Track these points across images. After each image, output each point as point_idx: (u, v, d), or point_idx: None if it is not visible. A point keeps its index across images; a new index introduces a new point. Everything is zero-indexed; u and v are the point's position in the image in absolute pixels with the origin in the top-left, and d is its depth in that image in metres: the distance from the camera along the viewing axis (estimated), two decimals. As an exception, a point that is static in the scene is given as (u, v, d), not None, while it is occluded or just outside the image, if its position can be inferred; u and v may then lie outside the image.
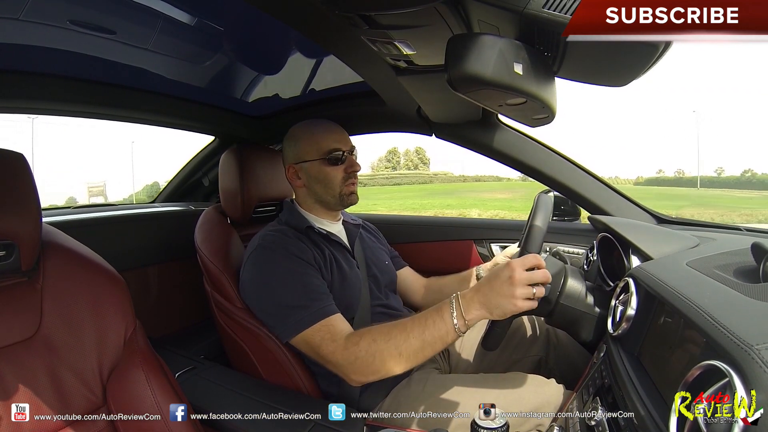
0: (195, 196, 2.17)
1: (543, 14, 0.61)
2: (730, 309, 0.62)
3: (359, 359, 0.98)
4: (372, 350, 0.97)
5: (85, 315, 0.80)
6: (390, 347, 0.96)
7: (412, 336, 0.96)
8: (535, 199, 1.14)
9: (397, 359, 0.96)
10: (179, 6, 1.11)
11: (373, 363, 0.97)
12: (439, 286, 1.53)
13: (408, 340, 0.96)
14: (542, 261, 0.93)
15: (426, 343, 0.96)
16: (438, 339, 0.95)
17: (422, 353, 0.96)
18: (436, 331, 0.95)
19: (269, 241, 1.18)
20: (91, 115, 1.47)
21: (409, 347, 0.96)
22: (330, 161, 1.25)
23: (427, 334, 0.96)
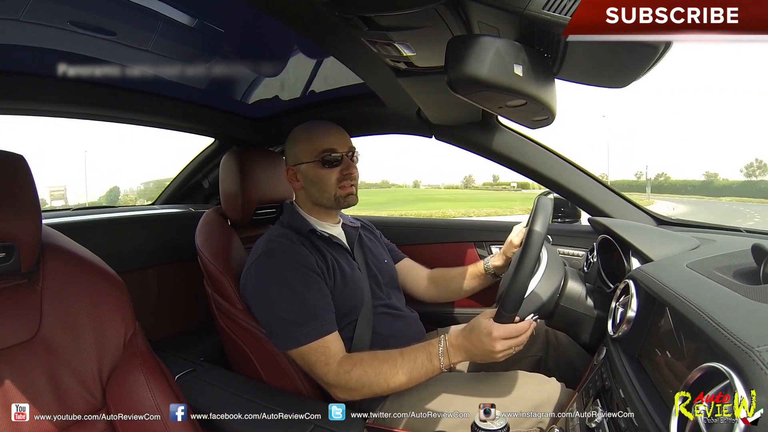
0: (195, 198, 2.17)
1: (543, 15, 0.61)
2: (731, 311, 0.62)
3: (348, 385, 1.05)
4: (362, 380, 1.04)
5: (85, 317, 0.80)
6: (379, 380, 1.04)
7: (401, 372, 1.04)
8: (534, 201, 1.14)
9: (384, 389, 1.05)
10: (179, 7, 1.11)
11: (362, 390, 1.05)
12: (445, 281, 1.53)
13: (396, 375, 1.04)
14: (523, 328, 1.00)
15: (412, 379, 1.05)
16: (423, 375, 1.05)
17: (407, 386, 1.06)
18: (423, 369, 1.05)
19: (273, 248, 1.18)
20: (91, 117, 1.47)
21: (396, 381, 1.04)
22: (324, 163, 1.24)
23: (414, 372, 1.04)
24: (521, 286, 0.98)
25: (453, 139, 1.61)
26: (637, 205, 1.55)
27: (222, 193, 1.49)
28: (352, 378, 1.05)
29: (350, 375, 1.05)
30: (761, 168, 35.37)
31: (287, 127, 1.34)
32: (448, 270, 1.54)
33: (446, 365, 1.04)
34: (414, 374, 1.04)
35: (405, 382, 1.04)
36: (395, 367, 1.04)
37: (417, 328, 1.36)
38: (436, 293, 1.54)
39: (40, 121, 1.75)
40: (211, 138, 1.99)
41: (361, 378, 1.04)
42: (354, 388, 1.05)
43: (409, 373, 1.04)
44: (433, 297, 1.55)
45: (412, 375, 1.04)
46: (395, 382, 1.04)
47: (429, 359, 1.04)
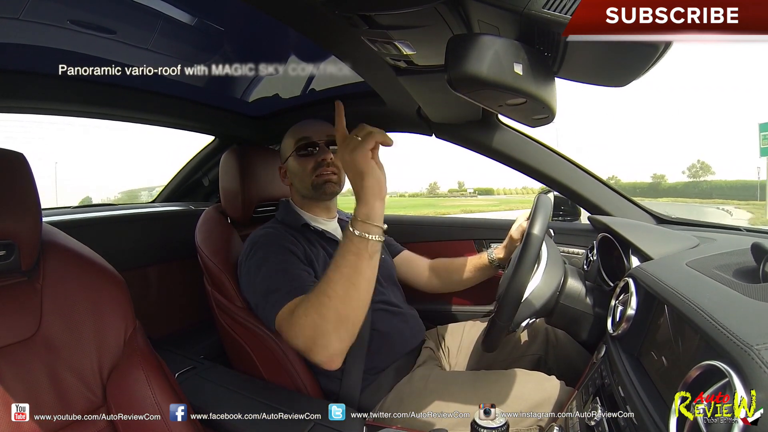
0: (195, 196, 2.17)
1: (543, 14, 0.61)
2: (730, 309, 0.62)
3: (300, 324, 0.93)
4: (307, 309, 0.92)
5: (85, 315, 0.80)
6: (319, 295, 0.91)
7: (331, 272, 0.90)
8: (534, 199, 1.14)
9: (330, 303, 0.89)
10: (179, 6, 1.11)
11: (311, 319, 0.91)
12: (448, 272, 1.52)
13: (329, 279, 0.90)
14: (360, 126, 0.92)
15: (346, 267, 0.89)
16: (353, 256, 0.89)
17: (350, 281, 0.89)
18: (347, 250, 0.89)
19: (259, 236, 1.19)
20: (91, 115, 1.47)
21: (333, 284, 0.89)
22: (299, 152, 1.26)
23: (340, 261, 0.90)
24: (516, 297, 0.99)
25: (453, 137, 1.61)
26: (637, 203, 1.55)
27: (222, 191, 1.49)
28: (300, 315, 0.93)
29: (297, 314, 0.94)
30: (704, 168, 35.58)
31: (287, 126, 1.34)
32: (450, 260, 1.53)
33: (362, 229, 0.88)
34: (341, 262, 0.89)
35: (341, 277, 0.89)
36: (326, 274, 0.91)
37: (416, 324, 1.36)
38: (438, 284, 1.54)
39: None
40: (211, 136, 1.99)
41: (307, 308, 0.92)
42: (306, 324, 0.91)
43: (338, 266, 0.89)
44: (436, 288, 1.55)
45: (340, 264, 0.89)
46: (333, 286, 0.89)
47: (346, 237, 0.90)
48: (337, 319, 0.89)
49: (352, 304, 0.90)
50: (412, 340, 1.31)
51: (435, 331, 1.47)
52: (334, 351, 0.91)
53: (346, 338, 0.91)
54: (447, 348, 1.41)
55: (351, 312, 0.90)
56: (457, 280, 1.51)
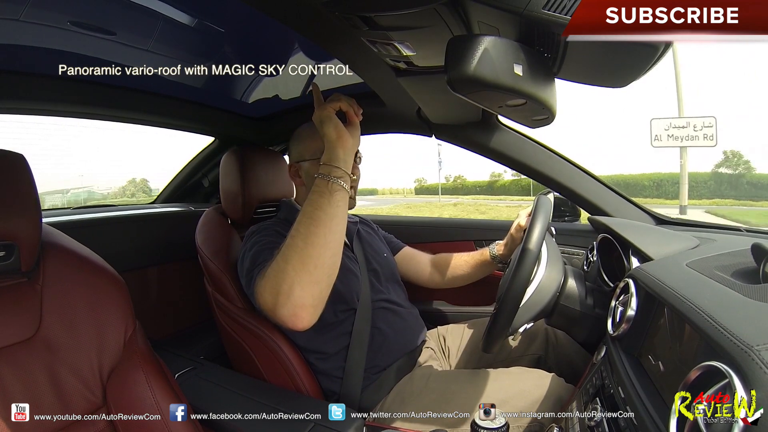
0: (195, 197, 2.18)
1: (543, 15, 0.61)
2: (730, 310, 0.62)
3: (266, 277, 0.90)
4: (277, 262, 0.89)
5: (85, 316, 0.80)
6: (288, 243, 0.89)
7: (299, 216, 0.91)
8: (534, 200, 1.14)
9: (291, 243, 0.88)
10: (179, 7, 1.11)
11: (275, 267, 0.89)
12: (449, 266, 1.52)
13: (296, 226, 0.89)
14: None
15: (307, 206, 0.90)
16: (316, 195, 0.91)
17: (311, 219, 0.89)
18: (311, 193, 0.91)
19: (256, 227, 1.19)
20: (91, 116, 1.48)
21: (296, 225, 0.89)
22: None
23: (305, 205, 0.91)
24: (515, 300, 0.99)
25: (453, 138, 1.61)
26: (637, 204, 1.55)
27: (222, 192, 1.49)
28: (268, 270, 0.90)
29: (266, 269, 0.91)
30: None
31: (287, 127, 1.35)
32: (453, 256, 1.53)
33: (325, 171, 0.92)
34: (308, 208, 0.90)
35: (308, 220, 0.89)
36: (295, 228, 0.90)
37: (417, 323, 1.36)
38: (441, 280, 1.54)
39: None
40: (211, 137, 1.99)
41: (274, 262, 0.90)
42: (273, 275, 0.88)
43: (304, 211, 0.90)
44: (438, 284, 1.54)
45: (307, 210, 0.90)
46: (298, 229, 0.89)
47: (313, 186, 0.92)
48: (299, 261, 0.86)
49: (312, 241, 0.87)
50: (413, 339, 1.31)
51: (436, 332, 1.47)
52: (297, 301, 0.86)
53: (309, 286, 0.87)
54: (447, 348, 1.41)
55: (313, 251, 0.87)
56: (458, 276, 1.51)
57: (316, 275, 0.87)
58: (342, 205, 0.92)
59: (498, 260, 1.43)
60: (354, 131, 1.00)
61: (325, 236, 0.88)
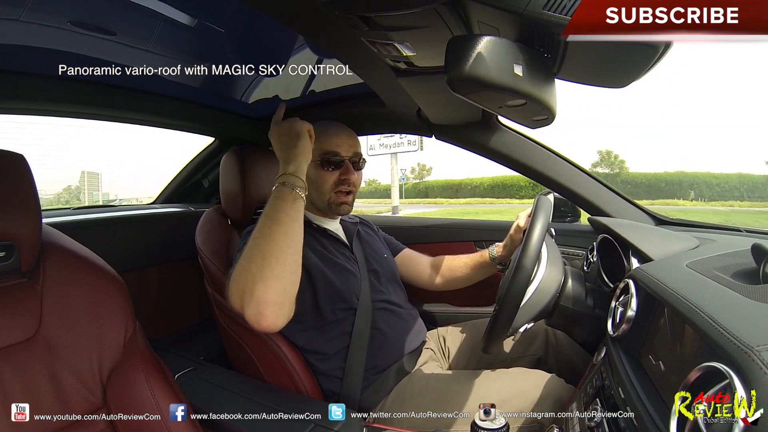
0: (195, 197, 2.18)
1: (543, 15, 0.62)
2: (730, 310, 0.62)
3: (235, 279, 0.92)
4: (240, 263, 0.93)
5: (85, 316, 0.80)
6: (249, 245, 0.93)
7: (260, 220, 0.96)
8: (534, 201, 1.14)
9: (253, 244, 0.92)
10: (179, 7, 1.11)
11: (239, 266, 0.92)
12: (449, 268, 1.52)
13: (259, 228, 0.94)
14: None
15: (269, 209, 0.96)
16: (275, 198, 0.97)
17: (272, 220, 0.94)
18: (273, 198, 0.97)
19: (251, 227, 1.18)
20: (91, 116, 1.48)
21: (258, 227, 0.94)
22: (324, 164, 1.24)
23: (267, 209, 0.96)
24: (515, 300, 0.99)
25: (453, 138, 1.61)
26: (637, 204, 1.55)
27: (222, 192, 1.49)
28: (234, 270, 0.93)
29: (232, 270, 0.94)
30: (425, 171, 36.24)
31: (287, 127, 1.34)
32: (452, 258, 1.53)
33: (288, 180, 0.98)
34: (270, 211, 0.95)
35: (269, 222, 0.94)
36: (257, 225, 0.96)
37: (417, 324, 1.36)
38: (441, 282, 1.53)
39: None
40: (211, 137, 1.99)
41: (239, 262, 0.93)
42: (238, 276, 0.91)
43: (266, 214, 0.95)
44: (437, 286, 1.54)
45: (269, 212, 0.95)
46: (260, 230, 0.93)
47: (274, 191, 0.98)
48: (261, 257, 0.90)
49: (274, 238, 0.92)
50: (413, 340, 1.31)
51: (436, 333, 1.47)
52: (260, 298, 0.88)
53: (272, 282, 0.89)
54: (447, 349, 1.41)
55: (275, 248, 0.91)
56: (458, 278, 1.50)
57: (277, 270, 0.90)
58: (300, 207, 0.98)
59: (497, 262, 1.43)
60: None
61: (285, 234, 0.94)
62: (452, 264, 1.52)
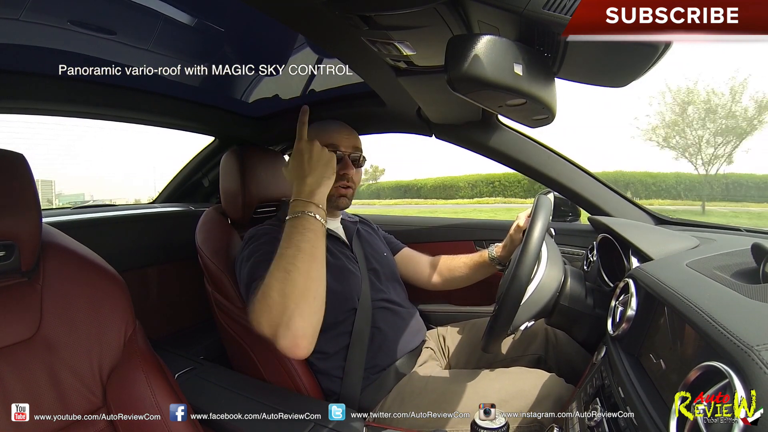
0: (195, 196, 2.18)
1: (543, 15, 0.61)
2: (730, 310, 0.62)
3: (262, 307, 0.91)
4: (265, 290, 0.91)
5: (85, 315, 0.80)
6: (275, 274, 0.91)
7: (288, 249, 0.93)
8: (534, 200, 1.14)
9: (289, 278, 0.90)
10: (179, 7, 1.11)
11: (273, 298, 0.90)
12: (448, 268, 1.52)
13: (284, 255, 0.93)
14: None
15: (304, 243, 0.94)
16: (307, 231, 0.95)
17: (303, 257, 0.92)
18: (297, 229, 0.95)
19: (253, 232, 1.19)
20: (91, 116, 1.48)
21: (288, 260, 0.92)
22: None
23: (299, 237, 0.94)
24: (515, 299, 0.99)
25: (453, 138, 1.61)
26: (636, 204, 1.55)
27: (222, 191, 1.49)
28: (258, 298, 0.92)
29: (256, 296, 0.93)
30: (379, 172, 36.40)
31: (287, 126, 1.34)
32: (452, 258, 1.53)
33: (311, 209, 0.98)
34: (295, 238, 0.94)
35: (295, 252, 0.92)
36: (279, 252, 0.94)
37: (417, 323, 1.36)
38: (440, 282, 1.54)
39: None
40: (211, 137, 1.99)
41: (264, 289, 0.91)
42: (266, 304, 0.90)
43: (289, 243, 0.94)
44: (437, 286, 1.55)
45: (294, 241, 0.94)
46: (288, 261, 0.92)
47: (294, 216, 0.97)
48: (300, 295, 0.90)
49: (313, 276, 0.92)
50: (413, 339, 1.31)
51: (435, 332, 1.47)
52: (297, 331, 0.89)
53: (308, 317, 0.90)
54: (447, 348, 1.41)
55: (312, 285, 0.91)
56: (457, 278, 1.51)
57: (315, 306, 0.92)
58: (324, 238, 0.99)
59: (497, 262, 1.43)
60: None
61: (320, 270, 0.94)
62: (451, 264, 1.52)
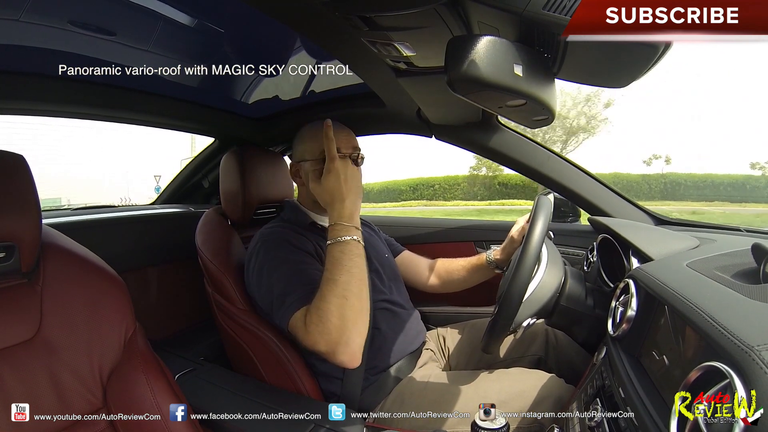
0: (195, 197, 2.17)
1: (542, 15, 0.61)
2: (731, 310, 0.62)
3: (321, 329, 0.96)
4: (322, 315, 0.96)
5: (85, 316, 0.80)
6: (332, 300, 0.96)
7: (341, 275, 0.98)
8: (535, 200, 1.14)
9: (347, 303, 0.96)
10: (179, 7, 1.11)
11: (333, 323, 0.95)
12: (448, 273, 1.53)
13: (338, 282, 0.97)
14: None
15: (354, 268, 0.99)
16: (354, 256, 1.00)
17: (356, 282, 0.98)
18: (346, 255, 1.00)
19: (268, 235, 1.19)
20: (91, 117, 1.48)
21: (343, 286, 0.97)
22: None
23: (349, 263, 0.99)
24: (516, 299, 0.99)
25: (453, 138, 1.61)
26: (636, 204, 1.55)
27: (222, 192, 1.49)
28: (314, 321, 0.97)
29: (312, 320, 0.97)
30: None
31: (287, 127, 1.34)
32: (450, 261, 1.53)
33: (352, 233, 1.02)
34: (345, 262, 0.99)
35: (348, 277, 0.98)
36: (331, 278, 0.98)
37: (418, 325, 1.36)
38: (439, 285, 1.54)
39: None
40: (211, 138, 1.99)
41: (320, 314, 0.96)
42: (327, 328, 0.95)
43: (340, 268, 0.98)
44: (436, 288, 1.55)
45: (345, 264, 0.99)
46: (342, 287, 0.97)
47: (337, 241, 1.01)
48: (356, 316, 0.96)
49: (364, 298, 0.99)
50: (413, 341, 1.31)
51: (436, 333, 1.47)
52: (355, 347, 0.97)
53: (364, 331, 0.99)
54: (447, 349, 1.41)
55: (365, 304, 0.99)
56: (456, 281, 1.51)
57: (367, 321, 1.00)
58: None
59: (494, 265, 1.43)
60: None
61: (367, 290, 1.01)
62: (450, 266, 1.52)
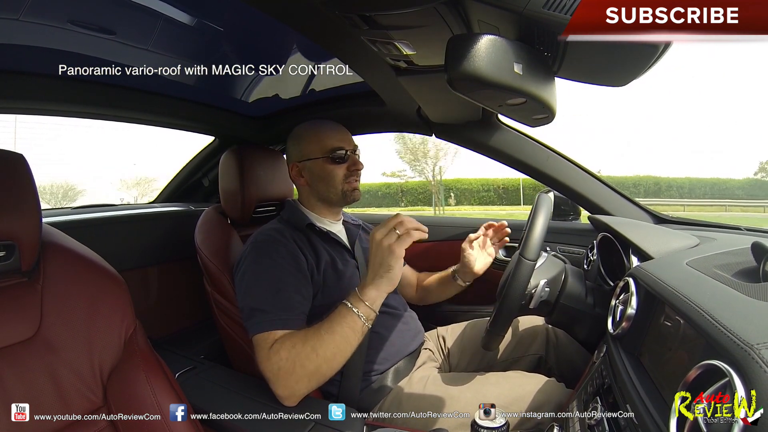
0: (195, 196, 2.17)
1: (543, 14, 0.61)
2: (730, 309, 0.62)
3: (281, 369, 0.96)
4: (291, 356, 0.96)
5: (85, 315, 0.80)
6: (307, 349, 0.96)
7: (325, 332, 0.97)
8: (535, 199, 1.14)
9: (315, 359, 0.96)
10: (179, 6, 1.11)
11: (294, 369, 0.95)
12: (425, 285, 1.55)
13: (322, 339, 0.97)
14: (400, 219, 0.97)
15: (339, 336, 0.97)
16: (349, 330, 0.98)
17: (338, 348, 0.97)
18: (345, 323, 0.98)
19: (261, 240, 1.18)
20: (91, 116, 1.47)
21: (324, 345, 0.96)
22: (333, 160, 1.26)
23: (337, 328, 0.97)
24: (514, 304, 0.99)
25: (453, 137, 1.61)
26: (636, 203, 1.55)
27: (222, 191, 1.49)
28: (281, 358, 0.96)
29: (280, 355, 0.97)
30: None
31: (287, 126, 1.34)
32: (428, 274, 1.56)
33: (364, 310, 0.99)
34: (337, 329, 0.97)
35: (332, 343, 0.97)
36: (319, 331, 0.98)
37: (415, 327, 1.36)
38: (417, 298, 1.59)
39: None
40: (211, 136, 1.99)
41: (290, 354, 0.96)
42: (286, 370, 0.95)
43: (331, 331, 0.97)
44: (418, 302, 1.58)
45: (335, 330, 0.97)
46: (324, 347, 0.96)
47: (345, 308, 0.99)
48: (314, 372, 0.96)
49: (332, 366, 0.98)
50: (411, 342, 1.31)
51: (435, 332, 1.47)
52: (298, 394, 0.97)
53: (313, 387, 0.99)
54: (447, 349, 1.41)
55: (328, 371, 0.98)
56: (431, 294, 1.55)
57: (322, 382, 0.99)
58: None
59: (457, 280, 1.44)
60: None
61: (341, 358, 0.99)
62: (426, 281, 1.56)
